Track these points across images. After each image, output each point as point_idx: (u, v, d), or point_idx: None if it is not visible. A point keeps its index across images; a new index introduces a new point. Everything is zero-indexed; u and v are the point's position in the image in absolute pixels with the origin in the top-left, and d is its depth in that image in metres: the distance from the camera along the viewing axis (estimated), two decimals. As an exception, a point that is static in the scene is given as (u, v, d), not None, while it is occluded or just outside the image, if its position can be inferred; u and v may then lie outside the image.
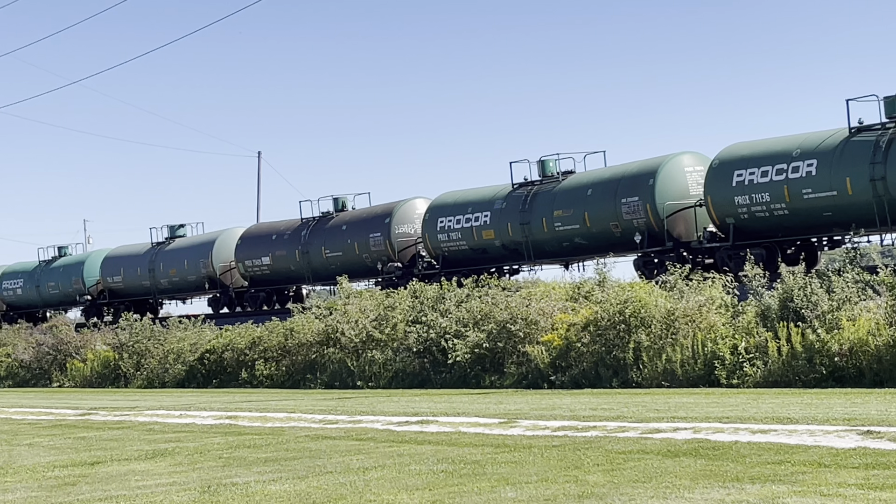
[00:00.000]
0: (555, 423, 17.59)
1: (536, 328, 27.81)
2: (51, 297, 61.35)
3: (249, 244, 50.05)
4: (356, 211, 46.97)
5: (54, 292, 61.00)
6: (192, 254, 53.58)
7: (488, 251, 40.44)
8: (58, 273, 61.11)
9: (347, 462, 14.80)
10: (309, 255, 46.99)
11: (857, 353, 21.62)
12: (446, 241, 41.68)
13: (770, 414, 16.74)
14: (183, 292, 55.13)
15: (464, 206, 41.39)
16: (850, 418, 15.49)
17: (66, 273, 60.50)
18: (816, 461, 12.33)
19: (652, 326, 25.15)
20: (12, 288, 64.03)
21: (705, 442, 14.37)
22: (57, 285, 60.81)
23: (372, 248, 44.02)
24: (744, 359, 23.15)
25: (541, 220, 38.15)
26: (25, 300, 63.25)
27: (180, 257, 53.98)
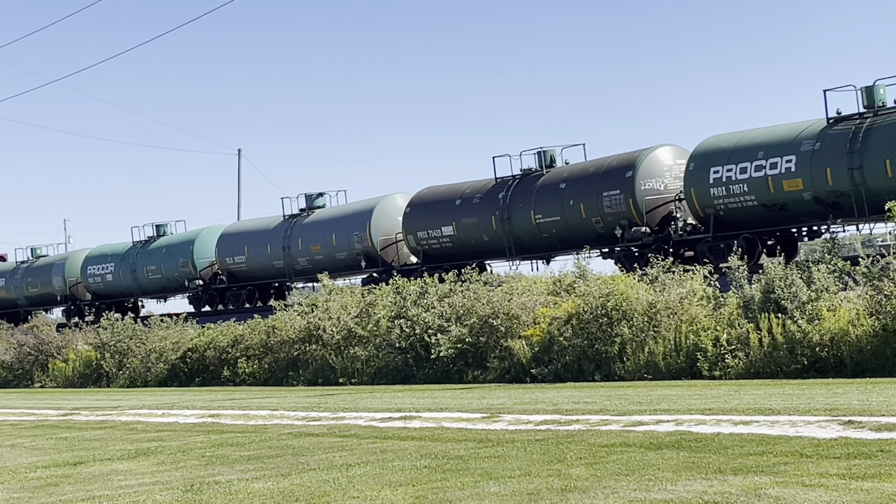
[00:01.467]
0: (537, 418, 17.61)
1: (518, 322, 27.83)
2: (150, 282, 54.61)
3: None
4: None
5: (155, 277, 54.17)
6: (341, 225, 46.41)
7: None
8: (159, 255, 54.25)
9: (330, 459, 14.78)
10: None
11: (838, 344, 21.69)
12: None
13: (752, 405, 16.78)
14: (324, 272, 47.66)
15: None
16: (831, 409, 15.53)
17: (170, 254, 53.71)
18: (798, 452, 12.36)
19: (634, 319, 25.19)
20: (100, 274, 57.10)
21: (688, 434, 14.39)
22: (159, 269, 53.96)
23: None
24: (725, 350, 23.20)
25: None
26: (117, 287, 56.40)
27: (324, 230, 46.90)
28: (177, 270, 52.80)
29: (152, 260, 54.26)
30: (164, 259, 53.66)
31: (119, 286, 56.02)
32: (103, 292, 56.70)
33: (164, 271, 53.41)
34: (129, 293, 55.93)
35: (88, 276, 57.07)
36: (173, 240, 54.40)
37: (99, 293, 56.88)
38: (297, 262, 47.51)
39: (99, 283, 56.74)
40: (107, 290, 56.48)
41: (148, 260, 54.43)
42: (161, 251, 54.12)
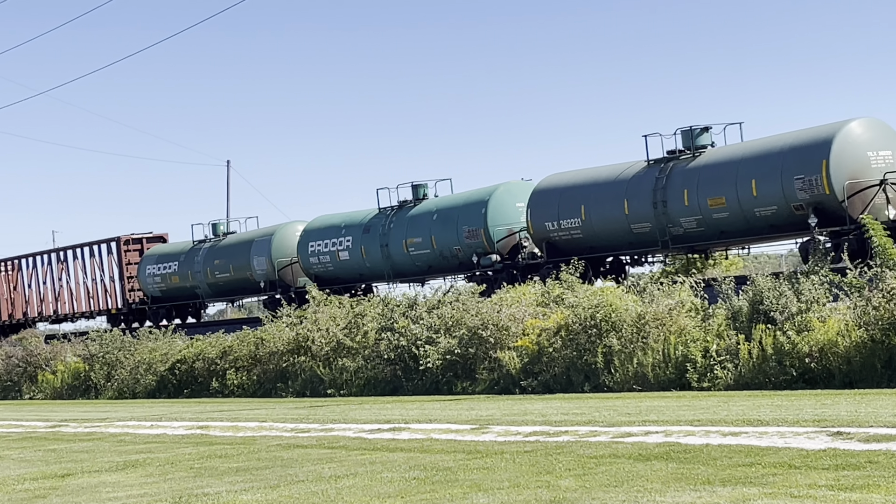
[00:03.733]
0: (526, 429, 17.60)
1: (507, 334, 27.83)
2: (403, 262, 41.80)
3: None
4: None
5: (419, 253, 41.12)
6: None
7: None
8: (424, 222, 41.09)
9: (319, 470, 14.76)
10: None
11: (826, 355, 21.71)
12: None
13: (741, 416, 16.79)
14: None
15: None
16: (820, 420, 15.55)
17: (444, 221, 40.43)
18: (787, 463, 12.38)
19: (623, 331, 25.20)
20: (328, 252, 44.45)
21: (676, 445, 14.39)
22: (425, 242, 40.84)
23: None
24: (714, 361, 23.21)
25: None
26: (354, 269, 43.65)
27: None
28: (458, 242, 39.86)
29: (417, 229, 41.53)
30: (435, 227, 40.95)
31: (358, 267, 43.67)
32: (331, 276, 44.17)
33: (435, 244, 40.74)
34: (375, 275, 43.54)
35: (311, 254, 44.94)
36: (446, 203, 41.43)
37: (325, 278, 43.81)
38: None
39: (327, 263, 44.33)
40: (338, 272, 44.21)
41: (411, 229, 41.60)
42: (430, 216, 41.26)
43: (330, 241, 44.38)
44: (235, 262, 48.93)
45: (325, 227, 45.18)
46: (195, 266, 50.96)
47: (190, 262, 51.32)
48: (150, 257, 54.04)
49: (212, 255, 50.37)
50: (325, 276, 44.34)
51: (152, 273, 53.32)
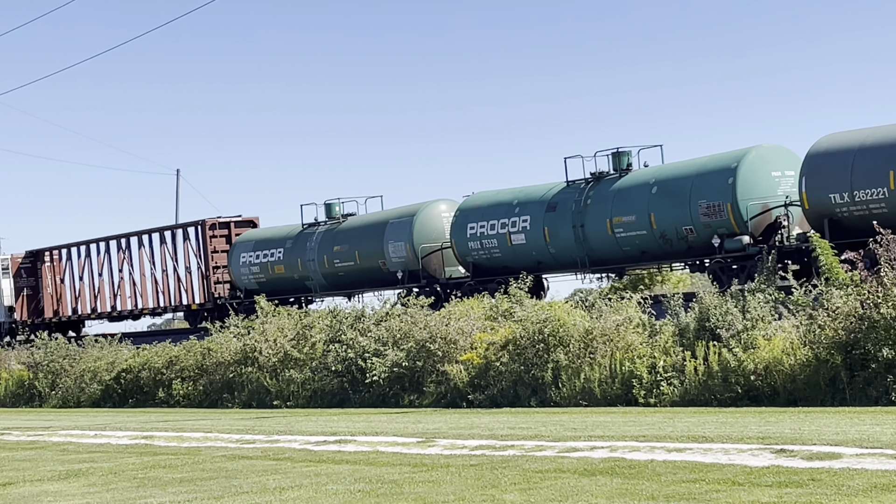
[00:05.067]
0: (473, 443, 17.60)
1: (455, 347, 27.83)
2: (605, 246, 34.27)
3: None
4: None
5: (629, 235, 33.41)
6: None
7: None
8: (638, 197, 33.45)
9: (264, 482, 14.69)
10: None
11: (772, 373, 21.86)
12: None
13: (686, 433, 16.87)
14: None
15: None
16: (764, 437, 15.65)
17: (668, 194, 32.74)
18: (731, 479, 12.44)
19: (570, 346, 25.26)
20: (495, 235, 36.87)
21: (622, 461, 14.44)
22: (640, 221, 33.18)
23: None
24: (661, 378, 23.31)
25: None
26: (529, 256, 36.08)
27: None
28: (689, 221, 32.34)
29: (628, 205, 33.77)
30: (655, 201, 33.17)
31: (538, 252, 35.96)
32: (497, 264, 37.01)
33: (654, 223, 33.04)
34: (560, 263, 36.02)
35: (470, 238, 37.66)
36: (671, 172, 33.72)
37: (486, 266, 37.40)
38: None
39: (493, 249, 37.00)
40: (507, 259, 36.71)
41: (619, 205, 33.96)
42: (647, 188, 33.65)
43: (498, 222, 36.81)
44: (363, 248, 41.63)
45: (491, 205, 37.46)
46: (307, 253, 43.71)
47: (300, 249, 44.12)
48: (245, 243, 46.87)
49: (330, 241, 43.05)
50: (488, 264, 37.16)
51: (248, 262, 46.30)
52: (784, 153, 31.91)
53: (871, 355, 20.37)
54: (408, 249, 39.97)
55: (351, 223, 43.30)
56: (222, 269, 47.96)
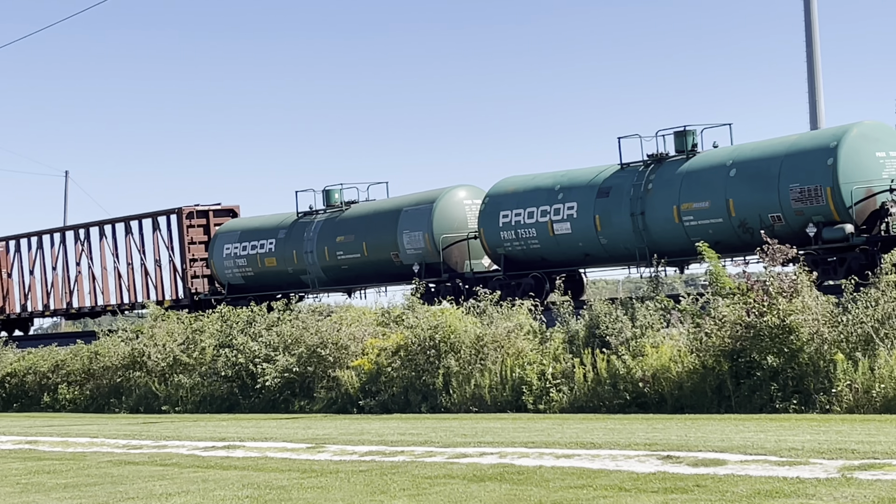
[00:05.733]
0: (363, 448, 17.57)
1: (347, 353, 27.77)
2: (670, 236, 30.23)
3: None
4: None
5: (700, 224, 29.45)
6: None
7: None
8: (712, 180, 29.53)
9: (150, 488, 14.53)
10: None
11: (659, 380, 22.11)
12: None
13: (574, 439, 17.00)
14: None
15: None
16: (651, 443, 15.82)
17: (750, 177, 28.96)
18: (618, 485, 12.56)
19: (461, 352, 25.32)
20: (534, 223, 32.90)
21: (510, 467, 14.50)
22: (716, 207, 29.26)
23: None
24: (551, 384, 23.47)
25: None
26: (576, 248, 32.15)
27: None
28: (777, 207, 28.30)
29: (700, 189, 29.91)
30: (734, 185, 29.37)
31: (587, 244, 32.08)
32: (535, 257, 33.24)
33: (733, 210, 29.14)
34: (614, 255, 32.01)
35: (503, 227, 33.62)
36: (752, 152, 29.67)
37: (521, 259, 33.54)
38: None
39: (531, 239, 32.99)
40: (547, 251, 32.86)
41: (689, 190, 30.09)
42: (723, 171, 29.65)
43: (538, 209, 32.79)
44: (372, 238, 37.23)
45: (529, 190, 33.36)
46: (304, 245, 39.25)
47: (295, 240, 39.70)
48: (229, 234, 42.23)
49: (331, 230, 38.59)
50: (524, 256, 33.19)
51: (233, 254, 41.71)
52: (888, 131, 28.56)
53: (757, 363, 20.69)
54: (426, 240, 35.70)
55: (357, 211, 38.70)
56: (200, 263, 43.34)
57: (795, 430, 16.47)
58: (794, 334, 20.42)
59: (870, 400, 18.89)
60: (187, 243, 43.01)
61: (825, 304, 20.78)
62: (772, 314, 20.75)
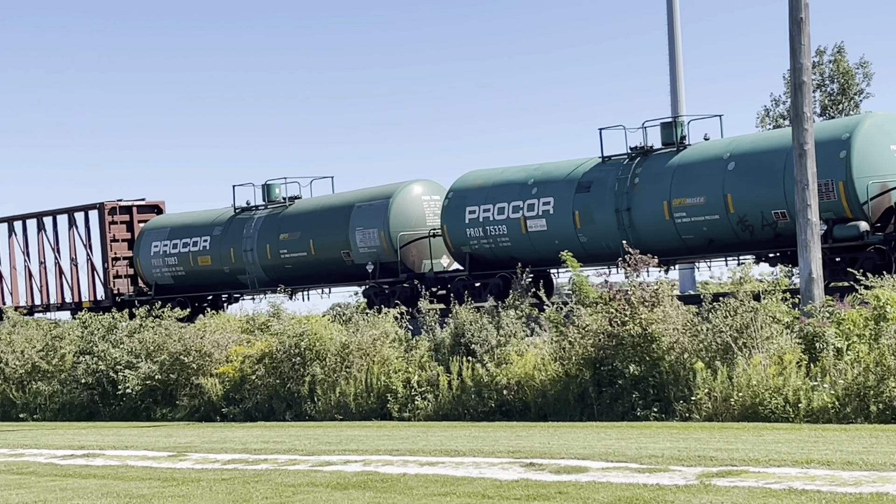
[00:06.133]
0: (225, 457, 17.42)
1: (211, 360, 27.49)
2: (659, 233, 28.50)
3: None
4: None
5: (693, 221, 27.91)
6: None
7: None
8: (708, 173, 27.89)
9: (6, 497, 14.21)
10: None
11: (523, 388, 22.27)
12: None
13: (439, 447, 17.04)
14: None
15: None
16: (514, 451, 15.92)
17: (750, 170, 27.29)
18: (480, 493, 12.62)
19: (327, 360, 25.24)
20: (505, 220, 31.30)
21: (374, 474, 14.49)
22: (712, 203, 27.63)
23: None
24: (416, 392, 23.50)
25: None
26: (551, 246, 29.48)
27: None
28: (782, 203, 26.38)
29: (693, 183, 28.24)
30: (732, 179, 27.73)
31: (564, 241, 28.96)
32: (504, 256, 31.25)
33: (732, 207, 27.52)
34: (594, 254, 29.32)
35: (469, 223, 31.76)
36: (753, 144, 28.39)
37: (488, 258, 31.69)
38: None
39: (501, 237, 31.25)
40: (518, 250, 30.72)
41: (680, 184, 28.40)
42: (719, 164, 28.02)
43: (509, 205, 31.00)
44: (320, 236, 35.37)
45: (499, 185, 31.55)
46: (243, 242, 37.30)
47: (233, 237, 37.66)
48: (157, 231, 39.94)
49: (274, 227, 36.63)
50: (492, 255, 31.32)
51: (162, 252, 39.43)
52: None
53: (619, 372, 20.95)
54: (382, 238, 33.78)
55: (303, 206, 36.77)
56: (124, 262, 40.83)
57: (656, 438, 16.71)
58: (655, 343, 20.73)
59: (728, 408, 19.23)
60: (109, 241, 40.55)
61: (685, 314, 21.13)
62: (633, 323, 21.04)
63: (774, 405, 18.60)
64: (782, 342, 19.78)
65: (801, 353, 19.32)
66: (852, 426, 17.12)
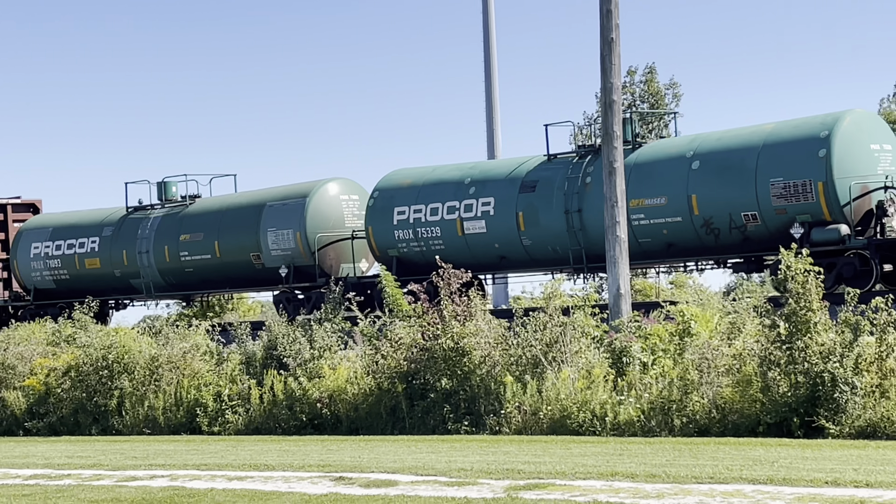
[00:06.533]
0: (27, 472, 16.97)
1: (14, 373, 26.74)
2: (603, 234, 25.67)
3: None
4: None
5: (655, 224, 27.02)
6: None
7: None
8: (669, 172, 27.01)
9: None
10: None
11: (336, 401, 22.21)
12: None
13: (248, 461, 16.87)
14: None
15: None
16: (325, 465, 15.86)
17: (719, 170, 26.41)
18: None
19: (135, 373, 24.78)
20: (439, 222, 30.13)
21: (181, 489, 14.27)
22: (675, 204, 26.76)
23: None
24: (227, 406, 23.25)
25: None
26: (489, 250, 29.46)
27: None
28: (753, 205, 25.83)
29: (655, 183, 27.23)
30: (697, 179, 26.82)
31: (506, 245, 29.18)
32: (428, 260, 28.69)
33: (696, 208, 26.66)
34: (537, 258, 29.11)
35: (397, 225, 30.71)
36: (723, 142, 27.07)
37: (418, 263, 30.39)
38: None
39: (434, 240, 30.13)
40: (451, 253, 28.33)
41: (641, 183, 27.02)
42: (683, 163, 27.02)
43: (444, 205, 29.56)
44: (226, 237, 33.62)
45: (432, 184, 30.09)
46: (138, 244, 35.33)
47: (125, 238, 35.73)
48: (37, 231, 37.53)
49: (173, 228, 34.79)
50: (422, 259, 29.65)
51: (43, 254, 37.15)
52: (879, 122, 26.30)
53: (431, 385, 21.04)
54: (298, 239, 32.22)
55: (206, 206, 35.05)
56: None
57: (466, 451, 16.82)
58: (467, 357, 20.87)
59: (537, 421, 19.47)
60: None
61: (497, 328, 21.34)
62: (446, 337, 21.16)
63: (582, 419, 18.90)
64: (591, 356, 20.12)
65: (608, 368, 19.68)
66: (656, 439, 17.49)
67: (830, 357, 17.10)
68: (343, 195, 32.89)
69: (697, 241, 26.29)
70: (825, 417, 16.84)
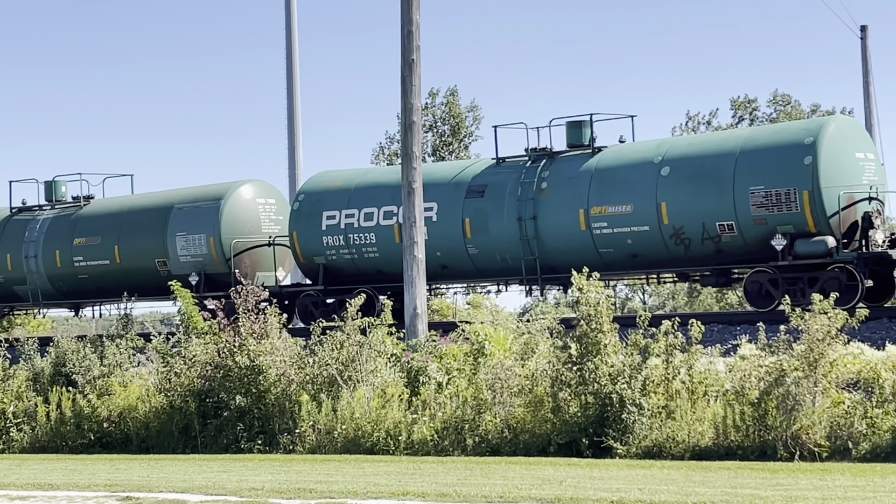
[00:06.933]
0: None
1: None
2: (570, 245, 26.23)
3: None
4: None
5: (618, 233, 25.59)
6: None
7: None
8: (635, 179, 25.85)
9: None
10: None
11: (126, 420, 21.79)
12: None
13: (32, 480, 16.40)
14: None
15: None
16: (111, 484, 15.51)
17: (691, 177, 25.15)
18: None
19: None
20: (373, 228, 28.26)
21: (-40, 510, 13.80)
22: (642, 212, 25.48)
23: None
24: (11, 424, 22.61)
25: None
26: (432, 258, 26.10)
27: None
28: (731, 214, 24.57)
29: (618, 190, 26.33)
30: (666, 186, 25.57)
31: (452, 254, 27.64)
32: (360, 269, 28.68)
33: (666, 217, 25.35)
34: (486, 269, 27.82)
35: (326, 231, 28.82)
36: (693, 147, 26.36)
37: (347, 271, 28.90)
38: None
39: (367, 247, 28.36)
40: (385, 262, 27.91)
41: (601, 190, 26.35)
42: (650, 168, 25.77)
43: (380, 210, 27.83)
44: (128, 242, 31.69)
45: (366, 187, 28.39)
46: (24, 247, 33.03)
47: (9, 241, 33.45)
48: None
49: (66, 231, 32.61)
50: (352, 268, 28.27)
51: None
52: (862, 130, 25.55)
53: (225, 403, 20.78)
54: (211, 245, 30.46)
55: (104, 207, 32.94)
56: None
57: (258, 471, 16.65)
58: (262, 375, 20.68)
59: (332, 440, 19.40)
60: None
61: (293, 347, 21.21)
62: (242, 355, 20.93)
63: (376, 438, 18.90)
64: (387, 376, 20.14)
65: (403, 387, 19.72)
66: (449, 458, 17.59)
67: (619, 378, 17.50)
68: (259, 198, 31.30)
69: (665, 252, 25.17)
70: (613, 438, 17.21)
